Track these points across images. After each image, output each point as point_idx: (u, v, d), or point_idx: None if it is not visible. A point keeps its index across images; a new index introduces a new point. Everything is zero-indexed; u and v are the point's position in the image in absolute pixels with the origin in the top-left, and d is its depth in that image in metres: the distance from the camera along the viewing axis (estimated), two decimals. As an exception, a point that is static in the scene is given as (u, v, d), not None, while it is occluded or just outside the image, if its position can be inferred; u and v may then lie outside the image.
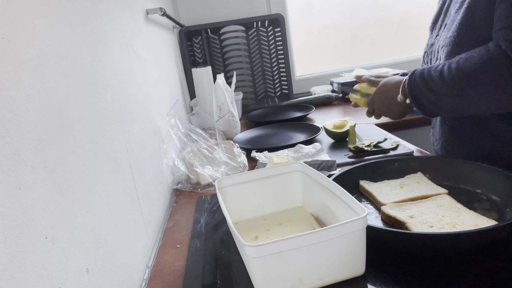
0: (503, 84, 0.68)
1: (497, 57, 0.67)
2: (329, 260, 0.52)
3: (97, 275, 0.48)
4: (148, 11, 1.10)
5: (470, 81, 0.70)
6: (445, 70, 0.74)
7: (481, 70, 0.69)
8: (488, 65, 0.68)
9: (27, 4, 0.42)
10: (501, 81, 0.68)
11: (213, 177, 0.99)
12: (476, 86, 0.70)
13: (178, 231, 0.80)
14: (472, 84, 0.70)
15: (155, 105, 0.99)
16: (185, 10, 1.83)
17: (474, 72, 0.70)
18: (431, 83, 0.76)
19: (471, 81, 0.70)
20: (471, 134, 0.85)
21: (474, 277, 0.51)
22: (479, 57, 0.70)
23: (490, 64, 0.68)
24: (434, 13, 0.93)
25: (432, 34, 0.93)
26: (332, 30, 2.00)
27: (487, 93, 0.70)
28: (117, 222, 0.58)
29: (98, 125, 0.57)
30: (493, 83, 0.68)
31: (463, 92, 0.72)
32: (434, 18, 0.93)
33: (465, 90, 0.71)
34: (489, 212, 0.64)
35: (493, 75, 0.68)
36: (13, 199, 0.34)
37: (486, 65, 0.68)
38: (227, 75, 1.82)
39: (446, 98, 0.75)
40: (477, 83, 0.70)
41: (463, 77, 0.71)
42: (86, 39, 0.58)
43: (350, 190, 0.61)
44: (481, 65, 0.69)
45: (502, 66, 0.67)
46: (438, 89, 0.75)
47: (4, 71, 0.35)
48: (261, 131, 1.37)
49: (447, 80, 0.73)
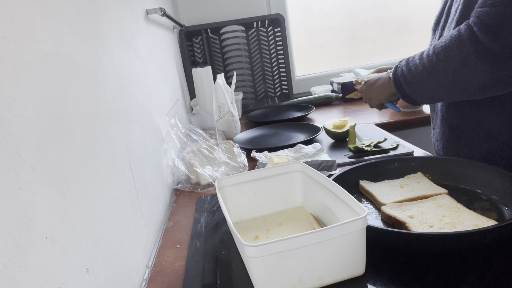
0: (466, 58, 0.70)
1: (463, 31, 0.70)
2: (329, 260, 0.52)
3: (97, 275, 0.48)
4: (148, 11, 1.10)
5: (439, 55, 0.73)
6: (425, 52, 0.78)
7: (449, 44, 0.72)
8: (455, 39, 0.71)
9: (27, 4, 0.42)
10: (464, 54, 0.70)
11: (213, 177, 0.99)
12: (444, 61, 0.73)
13: (178, 231, 0.80)
14: (440, 58, 0.73)
15: (155, 105, 0.99)
16: (185, 10, 1.83)
17: (443, 48, 0.73)
18: (411, 63, 0.80)
19: (440, 55, 0.73)
20: (470, 134, 0.85)
21: (474, 277, 0.51)
22: (451, 34, 0.73)
23: (457, 38, 0.71)
24: (437, 14, 0.95)
25: (435, 35, 0.94)
26: (332, 30, 2.00)
27: (452, 68, 0.72)
28: (117, 222, 0.58)
29: (98, 125, 0.57)
30: (458, 57, 0.71)
31: (433, 69, 0.75)
32: (437, 19, 0.94)
33: (435, 66, 0.74)
34: (489, 212, 0.64)
35: (458, 49, 0.71)
36: (13, 199, 0.34)
37: (453, 39, 0.71)
38: (227, 75, 1.82)
39: (419, 76, 0.78)
40: (445, 57, 0.73)
41: (434, 53, 0.75)
42: (86, 39, 0.58)
43: (350, 190, 0.61)
44: (449, 39, 0.72)
45: (466, 39, 0.69)
46: (414, 68, 0.79)
47: (4, 71, 0.35)
48: (261, 131, 1.37)
49: (423, 57, 0.77)
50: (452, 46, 0.71)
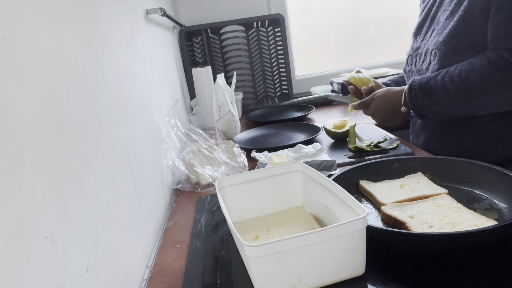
0: (509, 90, 0.72)
1: (501, 66, 0.71)
2: (329, 260, 0.52)
3: (97, 275, 0.48)
4: (148, 11, 1.10)
5: (477, 91, 0.75)
6: (447, 82, 0.78)
7: (487, 80, 0.73)
8: (493, 75, 0.72)
9: (27, 4, 0.42)
10: (506, 87, 0.72)
11: (213, 177, 0.99)
12: (484, 95, 0.74)
13: (178, 231, 0.80)
14: (479, 94, 0.75)
15: (155, 105, 0.99)
16: (185, 10, 1.83)
17: (481, 83, 0.73)
18: (435, 96, 0.80)
19: (477, 91, 0.74)
20: (456, 130, 0.87)
21: (475, 277, 0.51)
22: (482, 68, 0.73)
23: (495, 74, 0.72)
24: (418, 21, 1.01)
25: (416, 39, 1.00)
26: (332, 30, 2.00)
27: (495, 100, 0.74)
28: (117, 222, 0.58)
29: (98, 125, 0.57)
30: (500, 91, 0.73)
31: (471, 102, 0.76)
32: (419, 25, 1.00)
33: (473, 100, 0.76)
34: (489, 212, 0.64)
35: (499, 85, 0.72)
36: (13, 199, 0.34)
37: (491, 75, 0.72)
38: (227, 75, 1.82)
39: (452, 108, 0.79)
40: (484, 92, 0.74)
41: (470, 89, 0.75)
42: (86, 39, 0.58)
43: (350, 190, 0.61)
44: (486, 76, 0.73)
45: (506, 74, 0.71)
46: (443, 101, 0.79)
47: (4, 71, 0.35)
48: (261, 131, 1.37)
49: (452, 93, 0.77)
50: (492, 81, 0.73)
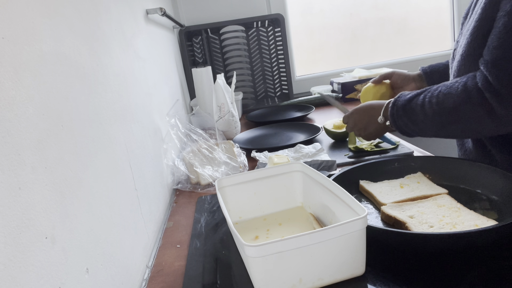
0: (482, 121, 0.70)
1: (474, 96, 0.69)
2: (329, 260, 0.52)
3: (97, 275, 0.48)
4: (148, 11, 1.10)
5: (451, 117, 0.73)
6: (426, 104, 0.75)
7: (460, 108, 0.71)
8: (467, 105, 0.70)
9: (27, 4, 0.42)
10: (479, 118, 0.69)
11: (213, 177, 0.99)
12: (458, 123, 0.72)
13: (178, 231, 0.80)
14: (453, 120, 0.73)
15: (155, 105, 0.99)
16: (185, 10, 1.83)
17: (454, 110, 0.71)
18: (414, 117, 0.77)
19: (451, 117, 0.72)
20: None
21: (474, 277, 0.51)
22: (457, 95, 0.71)
23: (467, 103, 0.69)
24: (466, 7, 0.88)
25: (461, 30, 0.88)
26: (332, 30, 2.00)
27: (469, 128, 0.73)
28: (117, 222, 0.58)
29: (98, 125, 0.57)
30: (473, 121, 0.70)
31: (447, 127, 0.74)
32: (466, 12, 0.87)
33: (447, 125, 0.74)
34: (489, 212, 0.64)
35: (471, 115, 0.70)
36: (13, 199, 0.34)
37: (465, 104, 0.70)
38: (227, 75, 1.82)
39: (430, 130, 0.77)
40: (458, 119, 0.72)
41: (444, 114, 0.73)
42: (86, 39, 0.58)
43: (350, 190, 0.61)
44: (459, 103, 0.70)
45: (478, 106, 0.68)
46: (421, 123, 0.77)
47: (4, 71, 0.35)
48: (261, 131, 1.37)
49: (429, 115, 0.75)
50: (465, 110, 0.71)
